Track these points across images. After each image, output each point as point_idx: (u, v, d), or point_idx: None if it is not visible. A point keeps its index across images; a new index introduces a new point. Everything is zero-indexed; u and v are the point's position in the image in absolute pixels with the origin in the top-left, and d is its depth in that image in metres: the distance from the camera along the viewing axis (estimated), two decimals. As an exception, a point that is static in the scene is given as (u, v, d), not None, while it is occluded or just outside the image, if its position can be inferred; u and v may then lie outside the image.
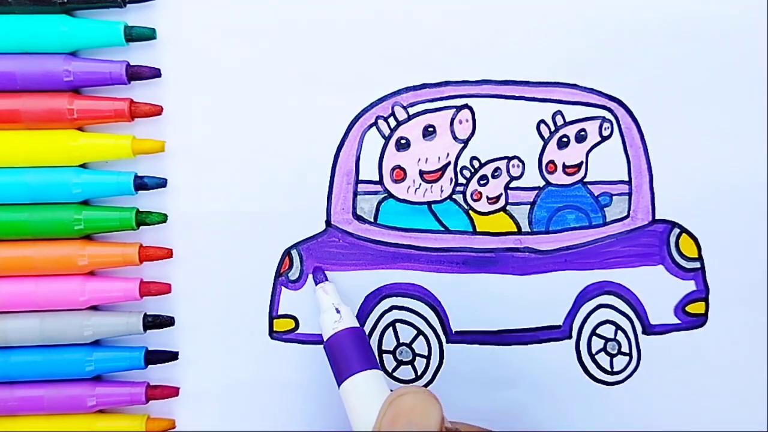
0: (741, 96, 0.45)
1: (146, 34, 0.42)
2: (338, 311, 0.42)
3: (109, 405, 0.44)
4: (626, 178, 0.45)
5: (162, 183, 0.43)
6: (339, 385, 0.40)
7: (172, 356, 0.44)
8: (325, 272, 0.44)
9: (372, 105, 0.44)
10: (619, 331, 0.46)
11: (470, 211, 0.45)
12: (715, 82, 0.45)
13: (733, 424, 0.47)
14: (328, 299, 0.43)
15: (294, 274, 0.45)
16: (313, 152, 0.44)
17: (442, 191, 0.45)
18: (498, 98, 0.44)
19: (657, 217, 0.46)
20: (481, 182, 0.45)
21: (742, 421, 0.47)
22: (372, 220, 0.45)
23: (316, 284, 0.44)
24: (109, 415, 0.44)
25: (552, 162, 0.45)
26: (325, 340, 0.42)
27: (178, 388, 0.45)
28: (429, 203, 0.45)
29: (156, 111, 0.43)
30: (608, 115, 0.45)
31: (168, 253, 0.44)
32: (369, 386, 0.39)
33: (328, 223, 0.45)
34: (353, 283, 0.45)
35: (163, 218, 0.43)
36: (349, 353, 0.40)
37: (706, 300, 0.46)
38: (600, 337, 0.46)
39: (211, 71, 0.43)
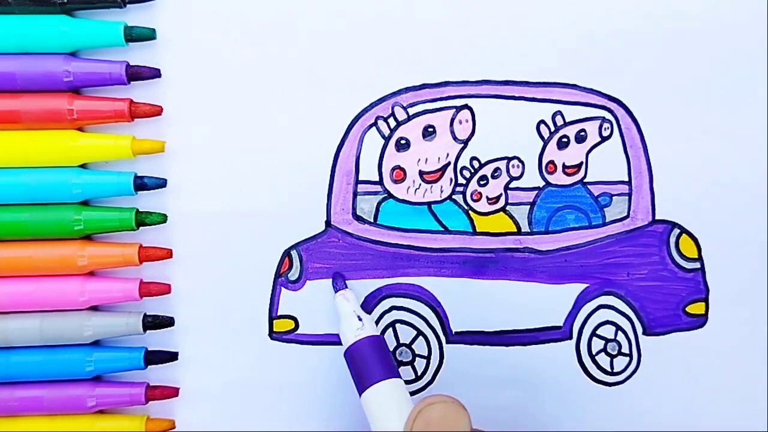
0: (741, 96, 0.45)
1: (146, 34, 0.42)
2: (360, 319, 0.42)
3: (109, 405, 0.44)
4: (626, 179, 0.45)
5: (162, 183, 0.43)
6: (360, 393, 0.40)
7: (172, 356, 0.44)
8: (346, 279, 0.44)
9: (372, 105, 0.44)
10: (619, 332, 0.46)
11: (470, 212, 0.45)
12: (715, 82, 0.45)
13: (733, 424, 0.47)
14: (348, 306, 0.43)
15: (294, 274, 0.45)
16: (313, 152, 0.44)
17: (442, 191, 0.45)
18: (498, 98, 0.44)
19: (657, 218, 0.46)
20: (481, 182, 0.45)
21: (742, 421, 0.47)
22: (372, 220, 0.45)
23: (336, 291, 0.44)
24: (109, 416, 0.44)
25: (552, 162, 0.45)
26: (345, 347, 0.42)
27: (177, 389, 0.45)
28: (429, 203, 0.45)
29: (156, 111, 0.43)
30: (608, 116, 0.45)
31: (168, 254, 0.44)
32: (391, 395, 0.40)
33: (327, 223, 0.45)
34: (353, 283, 0.45)
35: (163, 218, 0.43)
36: (370, 362, 0.41)
37: (706, 300, 0.46)
38: (600, 337, 0.46)
39: (211, 71, 0.43)
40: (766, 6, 0.45)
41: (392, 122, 0.44)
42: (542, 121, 0.45)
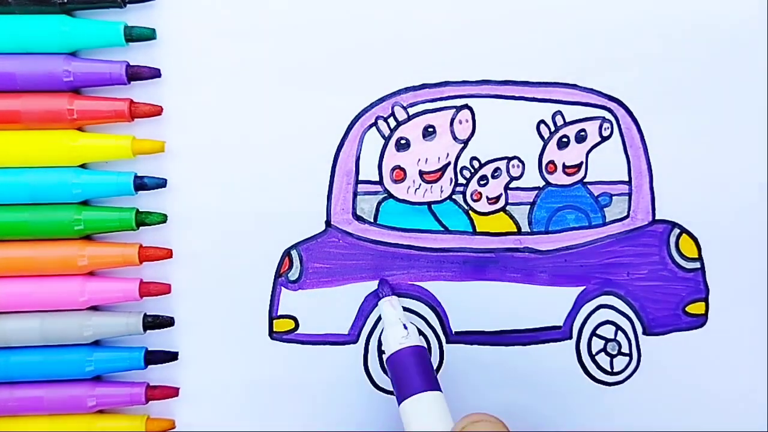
0: (741, 96, 0.45)
1: (146, 34, 0.42)
2: (405, 327, 0.42)
3: (109, 405, 0.44)
4: (626, 179, 0.45)
5: (162, 183, 0.43)
6: (400, 402, 0.40)
7: (172, 356, 0.44)
8: (391, 285, 0.45)
9: (372, 105, 0.44)
10: (619, 332, 0.46)
11: (470, 212, 0.45)
12: (715, 82, 0.45)
13: (733, 424, 0.47)
14: (394, 314, 0.43)
15: (294, 274, 0.45)
16: (313, 152, 0.44)
17: (442, 191, 0.45)
18: (498, 98, 0.44)
19: (657, 218, 0.46)
20: (481, 182, 0.45)
21: (742, 421, 0.47)
22: (372, 220, 0.45)
23: (381, 297, 0.44)
24: (109, 416, 0.44)
25: (552, 162, 0.45)
26: (388, 354, 0.42)
27: (177, 389, 0.45)
28: (429, 203, 0.45)
29: (156, 111, 0.43)
30: (608, 116, 0.45)
31: (168, 254, 0.44)
32: (431, 407, 0.40)
33: (328, 223, 0.45)
34: (353, 283, 0.45)
35: (163, 218, 0.43)
36: (413, 372, 0.41)
37: (706, 300, 0.46)
38: (600, 337, 0.46)
39: (211, 71, 0.43)
40: (766, 6, 0.45)
41: (392, 122, 0.44)
42: (542, 121, 0.45)
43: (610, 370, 0.46)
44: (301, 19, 0.43)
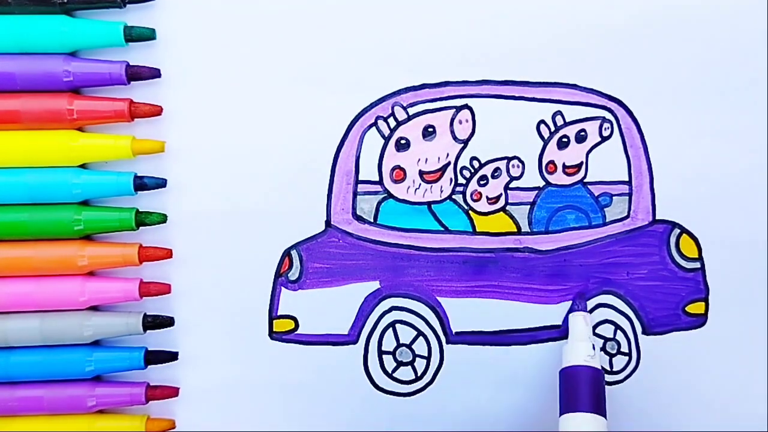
0: (741, 96, 0.45)
1: (146, 34, 0.42)
2: (594, 347, 0.43)
3: (109, 405, 0.44)
4: (626, 179, 0.45)
5: (162, 183, 0.43)
6: (562, 413, 0.41)
7: (172, 356, 0.45)
8: (586, 301, 0.45)
9: (372, 105, 0.44)
10: (618, 331, 0.46)
11: (470, 212, 0.45)
12: (715, 82, 0.45)
13: (733, 424, 0.47)
14: (587, 331, 0.44)
15: (294, 274, 0.45)
16: (313, 152, 0.44)
17: (441, 191, 0.45)
18: (498, 98, 0.44)
19: (657, 218, 0.46)
20: (481, 182, 0.45)
21: (742, 421, 0.47)
22: (372, 220, 0.45)
23: (576, 310, 0.45)
24: (109, 416, 0.44)
25: (552, 162, 0.45)
26: (569, 364, 0.42)
27: (177, 389, 0.45)
28: (429, 203, 0.45)
29: (156, 111, 0.43)
30: (608, 116, 0.45)
31: (168, 254, 0.44)
32: (591, 429, 0.41)
33: (327, 223, 0.44)
34: (353, 283, 0.45)
35: (163, 218, 0.43)
36: (587, 390, 0.41)
37: (706, 300, 0.46)
38: (599, 336, 0.46)
39: (211, 71, 0.43)
40: (766, 6, 0.45)
41: (392, 122, 0.44)
42: (542, 121, 0.45)
43: (609, 369, 0.46)
44: (301, 19, 0.43)
